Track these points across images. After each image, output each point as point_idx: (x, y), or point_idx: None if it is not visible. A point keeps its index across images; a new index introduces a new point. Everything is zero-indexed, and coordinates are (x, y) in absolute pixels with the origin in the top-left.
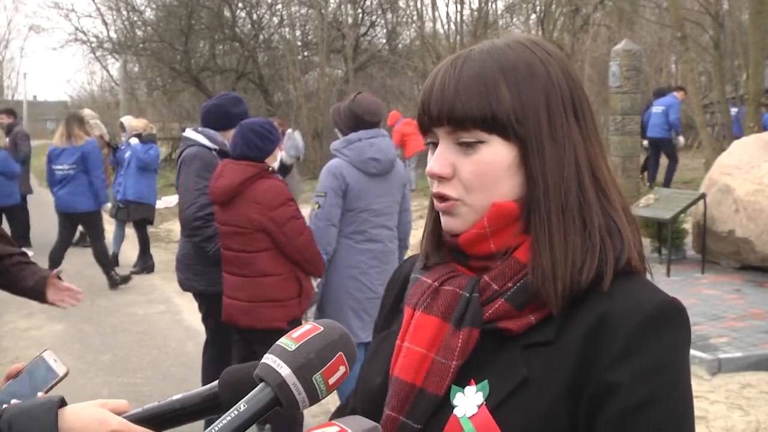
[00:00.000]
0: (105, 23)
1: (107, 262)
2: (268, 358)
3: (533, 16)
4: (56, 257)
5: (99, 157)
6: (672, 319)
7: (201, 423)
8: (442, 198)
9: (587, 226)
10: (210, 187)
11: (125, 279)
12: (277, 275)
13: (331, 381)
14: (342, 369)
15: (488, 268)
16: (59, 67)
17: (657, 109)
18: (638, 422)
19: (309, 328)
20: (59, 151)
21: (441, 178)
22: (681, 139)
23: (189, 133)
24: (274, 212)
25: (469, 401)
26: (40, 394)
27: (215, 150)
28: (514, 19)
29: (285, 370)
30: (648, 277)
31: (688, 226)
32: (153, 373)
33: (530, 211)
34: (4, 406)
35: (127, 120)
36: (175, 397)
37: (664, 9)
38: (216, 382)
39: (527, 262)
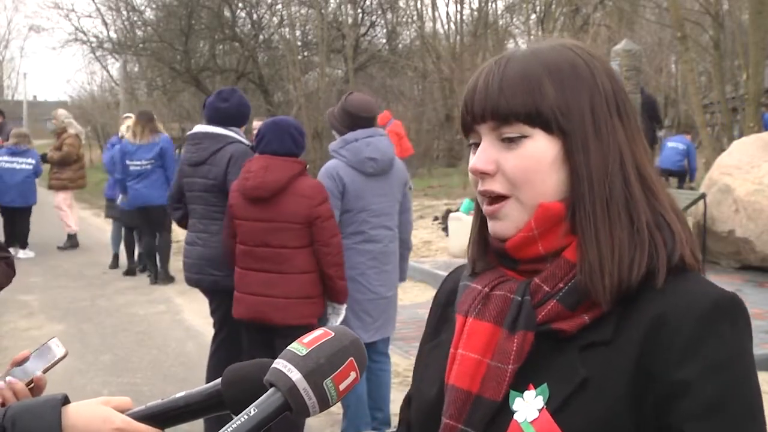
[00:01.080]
0: (105, 23)
1: (167, 256)
2: (279, 363)
3: (533, 16)
4: (152, 252)
5: (173, 153)
6: (730, 314)
7: (200, 423)
8: (490, 197)
9: (634, 222)
10: (249, 182)
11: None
12: (314, 272)
13: (341, 387)
14: (353, 375)
15: (537, 271)
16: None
17: (675, 144)
18: (712, 420)
19: (320, 333)
20: (135, 148)
21: (484, 174)
22: (693, 186)
23: (219, 129)
24: (320, 207)
25: (529, 406)
26: (37, 372)
27: (250, 147)
28: (514, 19)
29: (295, 375)
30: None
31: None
32: (153, 373)
33: (576, 208)
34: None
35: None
36: (178, 395)
37: (664, 9)
38: (219, 380)
39: (576, 262)
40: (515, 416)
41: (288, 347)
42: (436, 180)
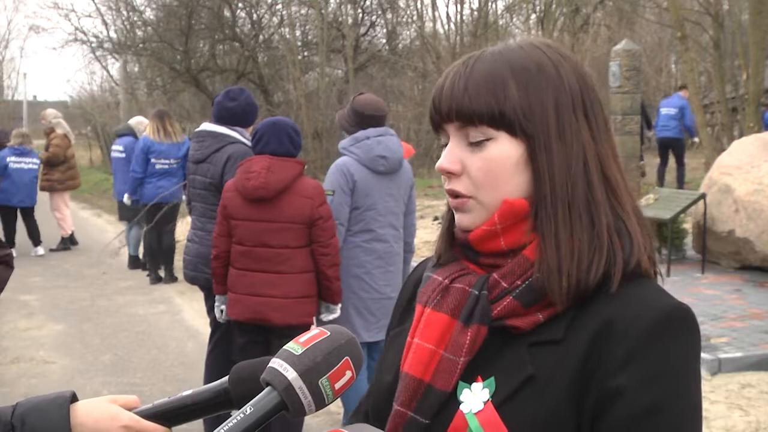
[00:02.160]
0: (105, 23)
1: (171, 258)
2: (275, 362)
3: (533, 16)
4: (154, 253)
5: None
6: (679, 326)
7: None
8: (454, 195)
9: (595, 224)
10: (251, 182)
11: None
12: (312, 272)
13: (337, 386)
14: (348, 374)
15: (498, 265)
16: (59, 67)
17: (667, 110)
18: (641, 429)
19: (316, 332)
20: (164, 147)
21: (450, 174)
22: (697, 141)
23: (222, 129)
24: (322, 207)
25: (475, 397)
26: None
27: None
28: (514, 19)
29: (291, 374)
30: (659, 281)
31: (688, 226)
32: (153, 373)
33: (538, 208)
34: (16, 402)
35: (136, 121)
36: (185, 393)
37: (664, 9)
38: (226, 378)
39: (535, 260)
40: (461, 407)
41: (284, 346)
42: (436, 180)
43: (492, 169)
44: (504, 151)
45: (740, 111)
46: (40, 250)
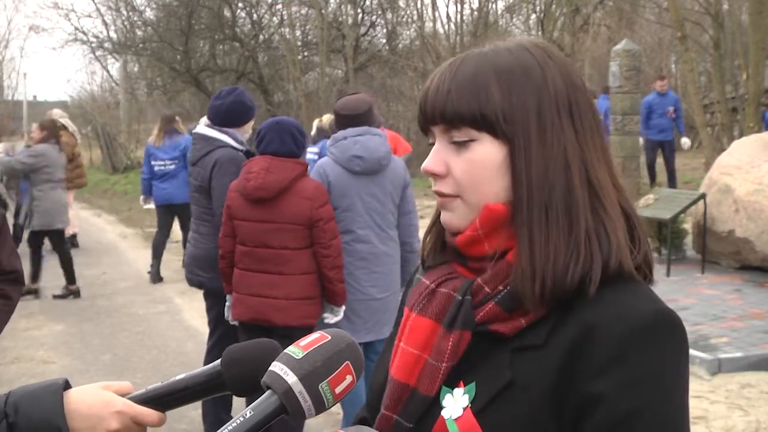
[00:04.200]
0: (105, 23)
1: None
2: (275, 366)
3: (533, 16)
4: (160, 250)
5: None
6: (662, 330)
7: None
8: (440, 195)
9: (573, 228)
10: (251, 183)
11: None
12: (314, 273)
13: (337, 390)
14: (349, 378)
15: (486, 269)
16: (59, 67)
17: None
18: None
19: (317, 336)
20: (158, 149)
21: (435, 176)
22: (685, 141)
23: (211, 132)
24: (322, 208)
25: (456, 403)
26: None
27: (242, 151)
28: (514, 19)
29: (291, 378)
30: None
31: (688, 226)
32: (153, 373)
33: (515, 213)
34: (10, 390)
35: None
36: (178, 377)
37: (664, 9)
38: (218, 361)
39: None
40: (442, 412)
41: (285, 350)
42: None
43: (475, 170)
44: (487, 153)
45: (740, 111)
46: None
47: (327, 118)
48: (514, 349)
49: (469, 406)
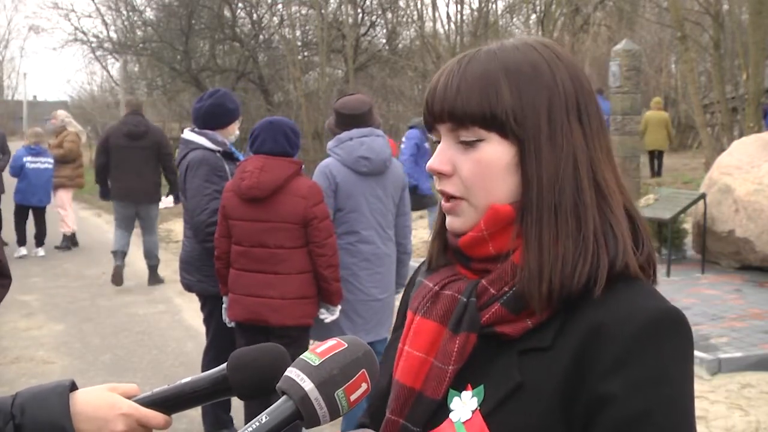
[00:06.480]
0: (105, 23)
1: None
2: (291, 372)
3: (533, 16)
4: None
5: None
6: (669, 329)
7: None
8: (446, 196)
9: (582, 229)
10: (245, 182)
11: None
12: (310, 272)
13: (352, 397)
14: (364, 386)
15: (490, 270)
16: (59, 67)
17: None
18: None
19: (333, 343)
20: None
21: (441, 175)
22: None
23: (189, 135)
24: (317, 207)
25: (464, 406)
26: None
27: (218, 152)
28: (514, 19)
29: (308, 385)
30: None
31: (688, 226)
32: (153, 373)
33: (524, 213)
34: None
35: None
36: (184, 381)
37: (664, 9)
38: (224, 365)
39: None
40: (450, 415)
41: (301, 356)
42: None
43: (482, 170)
44: (495, 153)
45: (740, 111)
46: (41, 252)
47: None
48: (521, 351)
49: (478, 408)
